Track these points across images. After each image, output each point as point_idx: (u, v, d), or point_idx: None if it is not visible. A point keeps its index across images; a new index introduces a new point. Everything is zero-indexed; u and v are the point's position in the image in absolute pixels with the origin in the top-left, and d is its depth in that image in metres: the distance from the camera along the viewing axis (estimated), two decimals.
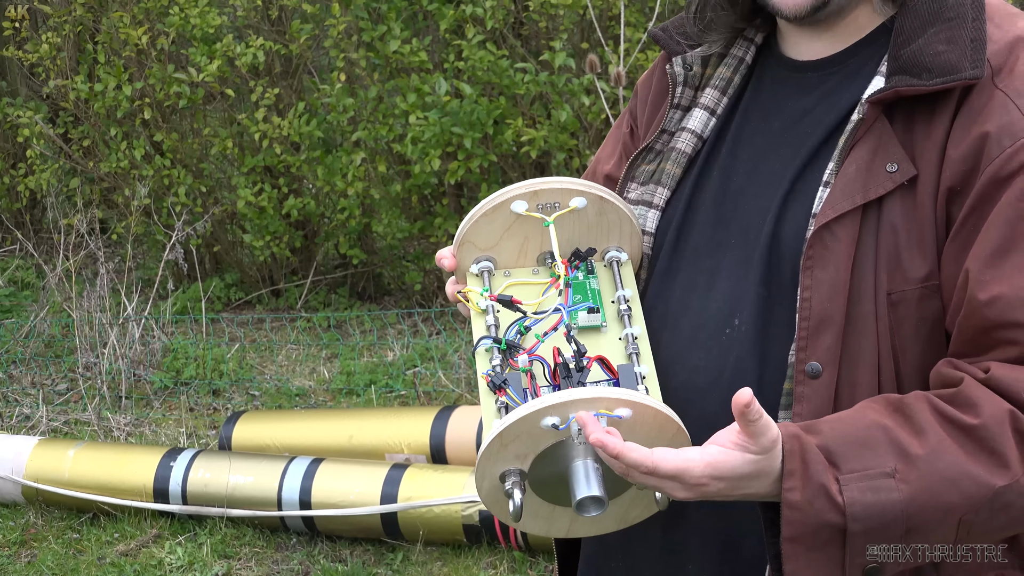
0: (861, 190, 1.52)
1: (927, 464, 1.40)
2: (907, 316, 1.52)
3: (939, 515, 1.41)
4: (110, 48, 6.99)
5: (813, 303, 1.52)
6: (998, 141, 1.46)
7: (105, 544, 4.54)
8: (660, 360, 1.66)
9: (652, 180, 1.76)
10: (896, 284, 1.51)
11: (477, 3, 6.03)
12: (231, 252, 7.39)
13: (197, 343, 6.43)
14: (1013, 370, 1.42)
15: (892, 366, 1.52)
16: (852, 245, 1.51)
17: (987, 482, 1.40)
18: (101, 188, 7.59)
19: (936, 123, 1.52)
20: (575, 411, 1.42)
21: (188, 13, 6.61)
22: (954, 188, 1.49)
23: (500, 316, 1.67)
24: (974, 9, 1.56)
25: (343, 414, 5.15)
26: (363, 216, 6.74)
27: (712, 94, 1.77)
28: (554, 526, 1.59)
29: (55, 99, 7.54)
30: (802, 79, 1.69)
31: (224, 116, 7.15)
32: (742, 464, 1.40)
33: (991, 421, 1.40)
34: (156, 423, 5.68)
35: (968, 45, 1.52)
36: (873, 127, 1.54)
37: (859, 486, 1.40)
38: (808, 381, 1.52)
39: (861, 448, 1.41)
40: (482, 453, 1.48)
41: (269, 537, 4.51)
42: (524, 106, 6.15)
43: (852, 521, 1.39)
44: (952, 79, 1.49)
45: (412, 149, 6.11)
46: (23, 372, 6.36)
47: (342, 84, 6.37)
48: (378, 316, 6.76)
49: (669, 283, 1.72)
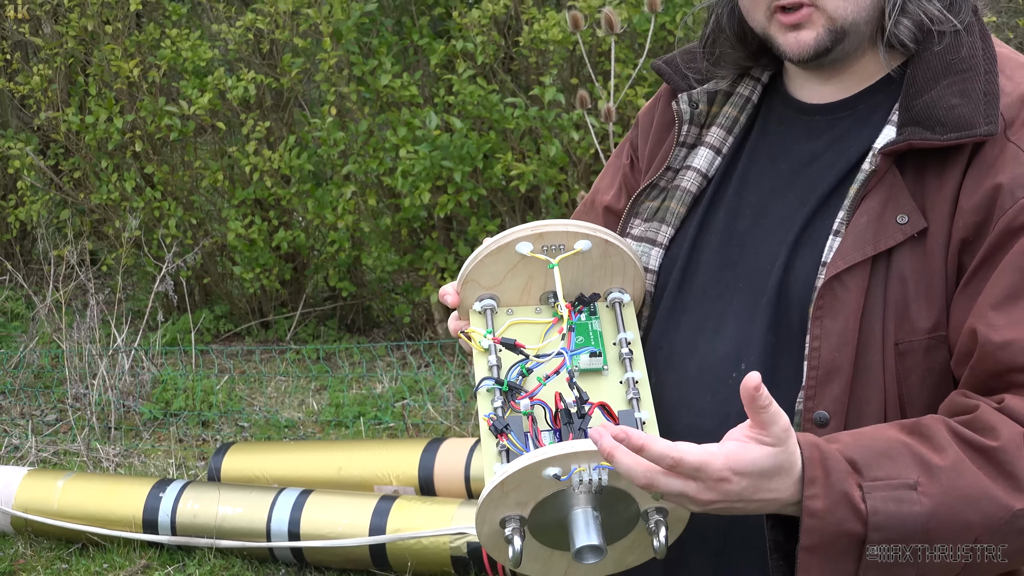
0: (872, 241, 1.52)
1: (949, 480, 1.39)
2: (914, 366, 1.52)
3: (957, 532, 1.40)
4: (101, 80, 7.00)
5: (822, 352, 1.52)
6: (1011, 192, 1.47)
7: (94, 575, 4.55)
8: (666, 401, 1.66)
9: (656, 218, 1.76)
10: (904, 335, 1.51)
11: (467, 38, 6.05)
12: (221, 284, 7.39)
13: (186, 375, 6.42)
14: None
15: (898, 415, 1.52)
16: (861, 296, 1.51)
17: (1006, 503, 1.39)
18: (91, 220, 7.58)
19: (948, 175, 1.52)
20: (577, 463, 1.41)
21: (180, 46, 6.63)
22: (967, 239, 1.49)
23: (502, 356, 1.66)
24: (986, 61, 1.56)
25: (332, 446, 5.15)
26: (353, 249, 6.74)
27: (718, 133, 1.76)
28: (552, 569, 1.58)
29: (46, 131, 7.54)
30: (810, 122, 1.69)
31: (215, 149, 7.17)
32: (761, 457, 1.36)
33: (1010, 444, 1.40)
34: (145, 454, 5.68)
35: (981, 99, 1.52)
36: (884, 178, 1.54)
37: (882, 495, 1.38)
38: (815, 429, 1.51)
39: (883, 458, 1.40)
40: (483, 499, 1.48)
41: (258, 568, 4.52)
42: (514, 141, 6.16)
43: (873, 531, 1.38)
44: (967, 135, 1.50)
45: (402, 182, 6.10)
46: (12, 403, 6.34)
47: (333, 118, 6.37)
48: (367, 348, 6.76)
49: (674, 323, 1.72)
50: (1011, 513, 1.39)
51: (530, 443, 1.54)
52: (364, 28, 6.31)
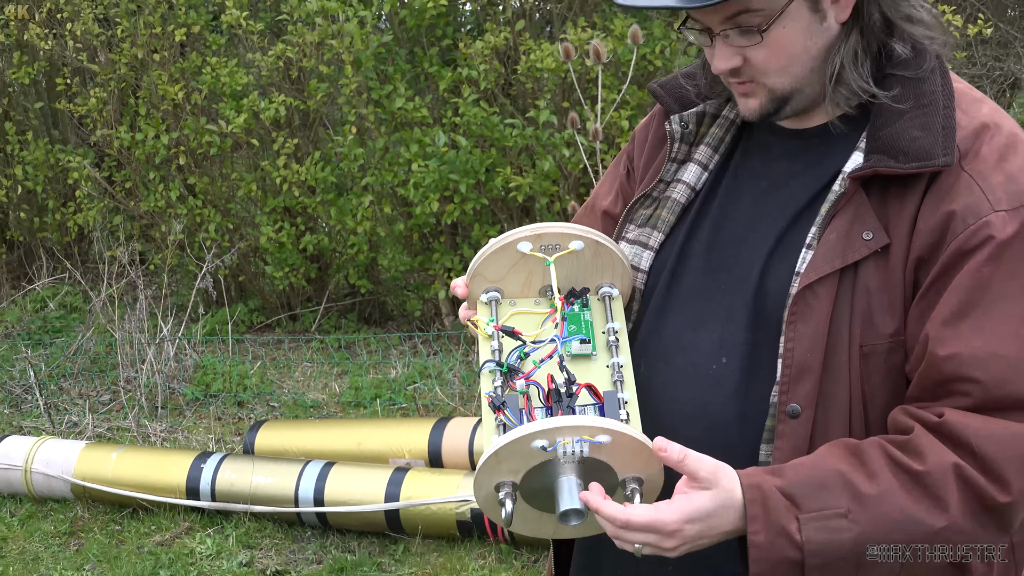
0: (840, 255, 1.51)
1: (876, 506, 1.41)
2: (877, 367, 1.51)
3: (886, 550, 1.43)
4: (150, 102, 7.00)
5: (795, 353, 1.52)
6: (963, 219, 1.46)
7: (143, 535, 4.55)
8: (654, 390, 1.66)
9: (648, 224, 1.75)
10: (868, 338, 1.50)
11: (472, 67, 6.06)
12: (254, 281, 7.39)
13: (224, 361, 6.43)
14: (964, 416, 1.43)
15: (862, 409, 1.52)
16: (831, 303, 1.51)
17: (929, 524, 1.41)
18: (141, 224, 7.58)
19: (908, 199, 1.51)
20: (562, 436, 1.43)
21: (219, 72, 6.63)
22: (922, 257, 1.49)
23: (503, 342, 1.66)
24: (945, 97, 1.55)
25: (352, 423, 5.16)
26: (370, 251, 6.74)
27: (705, 151, 1.75)
28: (541, 529, 1.60)
29: (101, 146, 7.54)
30: (787, 145, 1.67)
31: (249, 163, 7.16)
32: (703, 502, 1.41)
33: (935, 468, 1.41)
34: (188, 430, 5.69)
35: (940, 132, 1.51)
36: (852, 199, 1.53)
37: (815, 526, 1.40)
38: (788, 420, 1.52)
39: (820, 490, 1.42)
40: (480, 466, 1.49)
41: (287, 530, 4.52)
42: (512, 156, 6.16)
43: (809, 557, 1.41)
44: (926, 165, 1.49)
45: (414, 193, 6.11)
46: (72, 385, 6.35)
47: (353, 136, 6.38)
48: (383, 338, 6.76)
49: (663, 320, 1.71)
50: (933, 531, 1.42)
51: (524, 418, 1.55)
52: (381, 57, 6.31)
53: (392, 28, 6.44)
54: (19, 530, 4.67)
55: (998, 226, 1.45)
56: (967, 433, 1.42)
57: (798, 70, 1.56)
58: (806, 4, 1.52)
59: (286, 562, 4.31)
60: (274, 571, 4.24)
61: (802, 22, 1.53)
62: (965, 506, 1.42)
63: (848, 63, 1.55)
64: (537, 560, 4.18)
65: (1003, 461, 1.41)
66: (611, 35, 5.73)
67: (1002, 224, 1.45)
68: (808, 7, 1.53)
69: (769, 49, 1.54)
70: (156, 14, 6.84)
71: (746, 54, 1.55)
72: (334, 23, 6.28)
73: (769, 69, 1.56)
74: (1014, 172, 1.49)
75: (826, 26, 1.55)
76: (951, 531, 1.42)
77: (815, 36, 1.54)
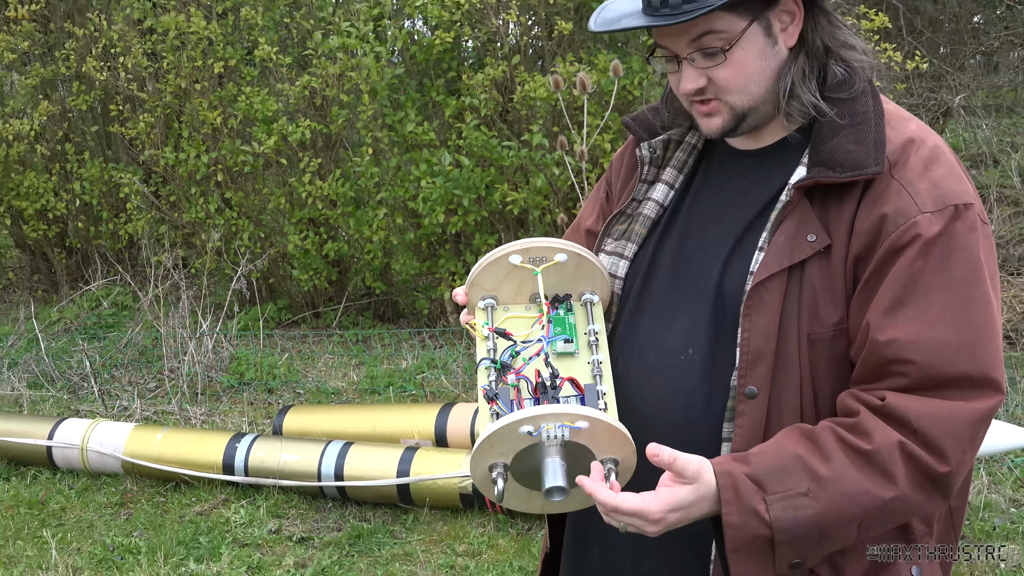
0: (788, 255, 1.52)
1: (832, 485, 1.43)
2: (823, 352, 1.52)
3: (844, 523, 1.45)
4: (192, 126, 7.00)
5: (751, 342, 1.53)
6: (894, 220, 1.47)
7: (185, 506, 4.55)
8: (632, 381, 1.66)
9: (623, 237, 1.76)
10: (814, 327, 1.51)
11: (474, 96, 6.06)
12: (282, 283, 7.39)
13: (256, 353, 6.43)
14: (904, 399, 1.44)
15: (811, 389, 1.53)
16: (781, 297, 1.52)
17: (879, 495, 1.43)
18: (183, 233, 7.59)
19: (846, 205, 1.52)
20: (545, 423, 1.45)
21: (252, 100, 6.64)
22: (860, 255, 1.50)
23: (497, 342, 1.67)
24: (876, 115, 1.56)
25: (368, 408, 5.16)
26: (384, 257, 6.75)
27: (671, 172, 1.76)
28: (530, 505, 1.60)
29: (149, 164, 7.54)
30: (742, 164, 1.68)
31: (279, 179, 7.16)
32: (686, 495, 1.44)
33: (882, 447, 1.43)
34: (224, 414, 5.68)
35: (872, 146, 1.52)
36: (798, 206, 1.54)
37: (781, 505, 1.43)
38: (747, 401, 1.53)
39: (782, 473, 1.44)
40: (475, 450, 1.50)
41: (311, 502, 4.52)
42: (509, 175, 6.16)
43: (778, 533, 1.43)
44: (859, 173, 1.50)
45: (422, 206, 6.11)
46: (122, 373, 6.35)
47: (369, 156, 6.38)
48: (395, 333, 6.76)
49: (637, 321, 1.71)
50: (883, 502, 1.44)
51: (514, 408, 1.55)
52: (394, 87, 6.31)
53: (404, 62, 6.44)
54: (76, 501, 4.67)
55: (925, 225, 1.46)
56: (908, 414, 1.43)
57: (755, 89, 1.58)
58: (760, 29, 1.54)
59: (310, 530, 4.31)
60: (299, 538, 4.23)
61: (758, 44, 1.55)
62: (911, 478, 1.44)
63: (798, 80, 1.57)
64: (531, 528, 4.18)
65: (941, 436, 1.43)
66: (595, 68, 5.74)
67: (928, 224, 1.46)
68: (762, 31, 1.55)
69: (731, 69, 1.55)
70: (198, 49, 6.85)
71: (710, 75, 1.57)
72: (353, 57, 6.29)
73: (731, 87, 1.57)
74: (937, 179, 1.50)
75: (777, 49, 1.57)
76: (899, 501, 1.44)
77: (768, 58, 1.56)
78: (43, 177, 7.80)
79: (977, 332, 1.45)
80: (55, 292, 8.36)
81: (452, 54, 6.43)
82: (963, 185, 1.51)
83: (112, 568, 4.05)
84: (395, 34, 6.30)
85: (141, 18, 7.27)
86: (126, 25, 7.28)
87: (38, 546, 4.25)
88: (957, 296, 1.46)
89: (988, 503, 4.14)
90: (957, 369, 1.44)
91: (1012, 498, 4.19)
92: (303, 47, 6.85)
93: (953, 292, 1.46)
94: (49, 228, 8.10)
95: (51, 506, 4.63)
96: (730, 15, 1.52)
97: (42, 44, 8.01)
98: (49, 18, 8.15)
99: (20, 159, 7.85)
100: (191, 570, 3.99)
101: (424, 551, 4.08)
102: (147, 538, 4.26)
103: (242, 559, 4.06)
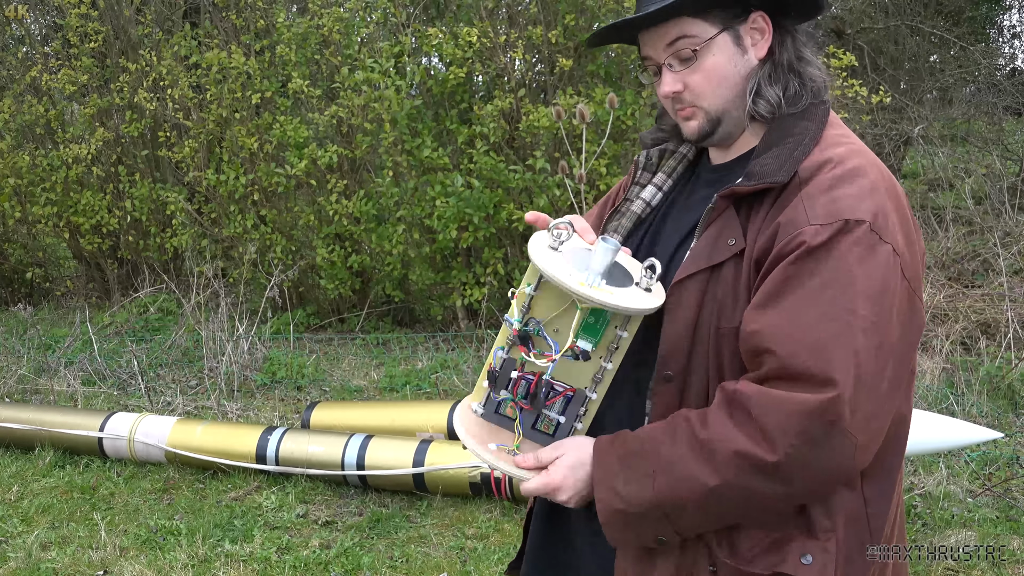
0: (707, 258, 1.50)
1: (670, 468, 1.42)
2: (727, 345, 1.48)
3: (678, 504, 1.43)
4: (231, 151, 7.01)
5: (670, 333, 1.51)
6: (785, 228, 1.43)
7: (222, 492, 4.51)
8: None
9: (613, 230, 1.74)
10: (723, 323, 1.48)
11: (483, 125, 6.05)
12: (311, 292, 7.38)
13: (287, 354, 6.40)
14: (750, 387, 1.40)
15: (718, 377, 1.49)
16: (700, 295, 1.49)
17: (703, 482, 1.40)
18: (223, 246, 7.59)
19: (761, 212, 1.49)
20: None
21: (285, 128, 6.64)
22: (758, 260, 1.46)
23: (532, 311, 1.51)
24: (811, 136, 1.52)
25: (387, 405, 5.14)
26: (402, 269, 6.74)
27: (661, 176, 1.75)
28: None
29: (192, 185, 7.56)
30: (712, 176, 1.66)
31: (309, 198, 7.17)
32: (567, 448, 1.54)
33: (714, 435, 1.39)
34: (258, 409, 5.65)
35: (788, 159, 1.48)
36: (723, 213, 1.51)
37: (633, 485, 1.45)
38: (664, 384, 1.51)
39: (638, 456, 1.46)
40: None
41: (335, 489, 4.49)
42: (515, 195, 6.16)
43: (630, 507, 1.45)
44: (762, 182, 1.47)
45: (437, 223, 6.12)
46: (166, 372, 6.32)
47: (390, 178, 6.38)
48: (411, 337, 6.74)
49: None
50: (708, 489, 1.40)
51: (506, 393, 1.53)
52: (412, 117, 6.31)
53: (421, 94, 6.44)
54: (123, 487, 4.63)
55: (810, 234, 1.40)
56: (749, 401, 1.38)
57: (726, 92, 1.57)
58: (730, 38, 1.55)
59: (334, 514, 4.27)
60: (324, 521, 4.19)
61: (727, 52, 1.55)
62: (736, 467, 1.38)
63: (764, 82, 1.57)
64: None
65: (772, 426, 1.37)
66: (593, 100, 5.72)
67: (814, 233, 1.40)
68: (732, 40, 1.55)
69: (702, 74, 1.56)
70: (237, 82, 6.84)
71: (685, 80, 1.57)
72: (376, 90, 6.28)
73: (704, 92, 1.57)
74: (838, 197, 1.43)
75: (747, 58, 1.57)
76: (725, 487, 1.39)
77: (738, 65, 1.56)
78: (98, 196, 7.80)
79: (832, 335, 1.38)
80: (107, 299, 8.35)
81: (464, 88, 6.42)
82: (867, 204, 1.43)
83: (155, 548, 4.00)
84: (414, 69, 6.29)
85: (187, 55, 7.27)
86: (174, 61, 7.28)
87: (89, 527, 4.22)
88: (823, 300, 1.39)
89: (947, 493, 4.09)
90: (804, 365, 1.37)
91: (968, 489, 4.14)
92: (331, 81, 6.84)
93: (820, 295, 1.39)
94: (103, 241, 8.10)
95: (101, 491, 4.60)
96: (702, 22, 1.54)
97: (99, 78, 8.02)
98: (106, 55, 8.16)
99: (78, 180, 7.87)
100: (226, 550, 3.95)
101: (437, 534, 4.03)
102: (187, 521, 4.22)
103: (272, 540, 4.02)
